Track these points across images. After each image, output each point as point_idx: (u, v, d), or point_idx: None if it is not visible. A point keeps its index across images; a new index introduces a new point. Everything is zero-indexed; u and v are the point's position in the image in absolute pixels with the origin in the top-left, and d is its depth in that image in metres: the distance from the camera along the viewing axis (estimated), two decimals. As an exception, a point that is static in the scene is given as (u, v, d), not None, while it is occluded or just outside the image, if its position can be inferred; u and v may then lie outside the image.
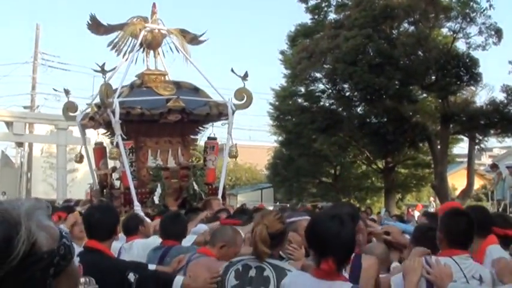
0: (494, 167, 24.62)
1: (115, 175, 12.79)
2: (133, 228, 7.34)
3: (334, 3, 33.73)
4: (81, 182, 31.97)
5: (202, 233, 6.89)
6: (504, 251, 5.42)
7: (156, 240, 6.95)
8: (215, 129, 13.38)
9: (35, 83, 41.26)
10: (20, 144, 38.19)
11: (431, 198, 32.70)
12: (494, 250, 5.20)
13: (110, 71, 11.56)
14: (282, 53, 36.90)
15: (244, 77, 12.37)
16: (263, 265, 4.37)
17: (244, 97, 12.56)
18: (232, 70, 12.19)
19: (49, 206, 1.66)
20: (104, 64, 11.32)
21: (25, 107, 39.63)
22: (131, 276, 4.89)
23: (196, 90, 12.83)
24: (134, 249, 6.83)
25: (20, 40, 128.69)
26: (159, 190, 11.51)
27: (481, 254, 5.26)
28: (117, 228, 5.49)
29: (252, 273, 4.38)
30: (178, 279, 5.27)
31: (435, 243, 4.99)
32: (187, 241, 6.76)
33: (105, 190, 12.52)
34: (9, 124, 32.68)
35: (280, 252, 5.21)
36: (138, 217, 7.89)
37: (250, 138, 55.23)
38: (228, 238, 5.48)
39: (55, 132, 32.15)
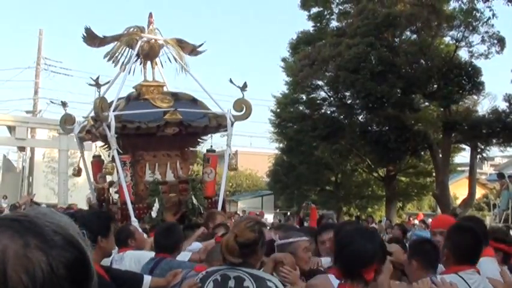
0: (500, 176, 24.33)
1: (113, 189, 12.62)
2: (122, 241, 7.26)
3: (336, 11, 33.79)
4: (82, 187, 31.98)
5: (197, 252, 6.80)
6: (496, 265, 5.38)
7: (147, 253, 6.92)
8: (216, 137, 13.27)
9: (38, 88, 41.35)
10: (22, 149, 38.23)
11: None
12: (485, 263, 5.08)
13: (104, 84, 11.28)
14: (284, 60, 36.87)
15: (243, 87, 12.07)
16: (242, 275, 4.21)
17: (243, 108, 12.27)
18: (230, 81, 11.93)
19: None
20: (98, 77, 11.00)
21: (27, 112, 39.70)
22: None
23: (194, 101, 12.60)
24: (125, 260, 6.76)
25: (23, 45, 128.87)
26: (156, 205, 11.25)
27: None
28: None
29: (231, 283, 4.22)
30: (147, 278, 5.32)
31: (432, 256, 4.96)
32: (181, 258, 6.61)
33: (103, 204, 12.34)
34: (11, 128, 32.79)
35: (274, 275, 5.03)
36: (128, 230, 7.73)
37: (251, 145, 55.21)
38: None
39: (57, 137, 32.22)
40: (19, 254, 1.23)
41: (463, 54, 29.50)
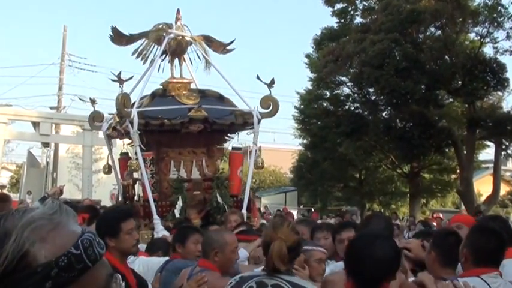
0: None
1: (138, 187, 12.54)
2: (154, 249, 7.40)
3: (360, 7, 33.64)
4: (106, 182, 32.13)
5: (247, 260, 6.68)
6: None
7: (156, 258, 6.92)
8: (242, 134, 13.11)
9: (62, 84, 41.54)
10: (46, 145, 38.48)
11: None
12: (509, 265, 4.80)
13: (127, 80, 11.12)
14: (308, 56, 36.65)
15: (271, 84, 11.87)
16: (281, 283, 3.93)
17: (270, 105, 12.06)
18: (258, 77, 11.78)
19: (71, 210, 1.57)
20: (120, 73, 10.85)
21: (52, 108, 39.90)
22: None
23: (221, 98, 12.49)
24: (136, 264, 6.75)
25: (48, 41, 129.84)
26: (180, 203, 11.19)
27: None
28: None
29: None
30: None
31: (455, 251, 4.67)
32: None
33: (127, 202, 12.24)
34: (35, 124, 32.92)
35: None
36: (164, 243, 7.76)
37: (274, 141, 55.04)
38: (216, 243, 5.19)
39: (81, 133, 32.37)
40: None
41: (488, 50, 29.39)
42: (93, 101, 12.63)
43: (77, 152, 36.74)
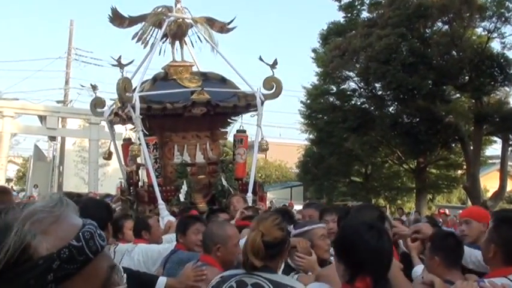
0: None
1: (142, 172, 12.51)
2: (137, 232, 7.42)
3: (367, 2, 33.45)
4: (112, 176, 32.22)
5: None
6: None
7: (156, 246, 6.96)
8: (246, 124, 13.06)
9: (69, 77, 41.69)
10: (52, 138, 38.65)
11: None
12: None
13: (127, 64, 11.02)
14: (314, 51, 36.45)
15: (273, 65, 11.87)
16: (261, 282, 3.81)
17: (273, 86, 12.03)
18: (260, 58, 11.81)
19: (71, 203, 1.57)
20: (120, 57, 10.81)
21: (58, 102, 40.01)
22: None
23: (223, 80, 12.46)
24: (135, 253, 6.75)
25: (54, 36, 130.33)
26: (184, 187, 11.15)
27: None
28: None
29: None
30: (162, 280, 5.10)
31: (457, 252, 4.67)
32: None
33: (131, 188, 12.23)
34: (42, 118, 33.10)
35: (290, 262, 4.89)
36: (145, 223, 7.75)
37: (280, 136, 55.10)
38: (218, 238, 5.01)
39: (87, 126, 32.52)
40: None
41: (495, 45, 29.23)
42: (94, 87, 12.58)
43: (83, 145, 36.89)
